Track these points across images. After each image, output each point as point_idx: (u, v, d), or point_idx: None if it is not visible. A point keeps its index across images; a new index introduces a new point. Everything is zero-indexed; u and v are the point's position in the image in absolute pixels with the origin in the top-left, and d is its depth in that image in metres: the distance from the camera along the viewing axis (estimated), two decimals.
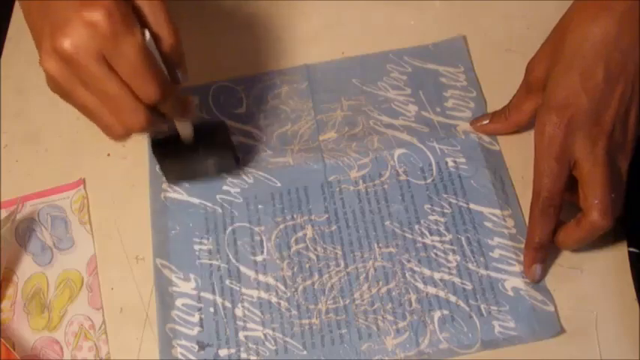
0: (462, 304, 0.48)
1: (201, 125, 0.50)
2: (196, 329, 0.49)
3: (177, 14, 0.42)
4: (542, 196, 0.46)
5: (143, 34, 0.39)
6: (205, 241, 0.52)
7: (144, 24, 0.40)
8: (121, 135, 0.41)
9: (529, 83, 0.51)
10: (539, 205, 0.47)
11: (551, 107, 0.46)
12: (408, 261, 0.50)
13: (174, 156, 0.51)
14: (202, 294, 0.50)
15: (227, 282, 0.50)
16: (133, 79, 0.39)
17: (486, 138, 0.55)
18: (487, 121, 0.55)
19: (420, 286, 0.49)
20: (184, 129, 0.49)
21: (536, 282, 0.49)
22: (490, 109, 0.56)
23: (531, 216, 0.48)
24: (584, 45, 0.46)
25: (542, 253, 0.48)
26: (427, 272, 0.50)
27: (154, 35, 0.41)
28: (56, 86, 0.40)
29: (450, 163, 0.54)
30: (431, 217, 0.52)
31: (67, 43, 0.37)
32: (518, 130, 0.54)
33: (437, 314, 0.48)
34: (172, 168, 0.52)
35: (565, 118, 0.45)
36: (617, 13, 0.45)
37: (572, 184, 0.47)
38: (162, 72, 0.41)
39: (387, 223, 0.52)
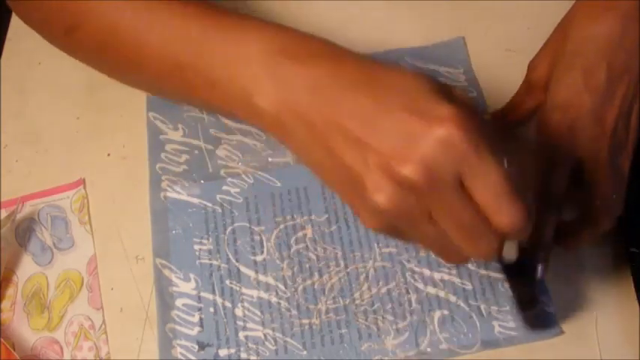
0: (462, 304, 0.48)
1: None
2: (196, 329, 0.49)
3: None
4: (544, 197, 0.46)
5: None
6: (205, 241, 0.52)
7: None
8: (461, 262, 0.36)
9: (530, 82, 0.51)
10: (542, 205, 0.47)
11: (554, 106, 0.46)
12: (408, 261, 0.50)
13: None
14: (202, 294, 0.50)
15: (227, 282, 0.50)
16: (496, 203, 0.32)
17: None
18: None
19: (420, 286, 0.49)
20: (511, 247, 0.42)
21: (538, 282, 0.48)
22: (490, 109, 0.56)
23: None
24: (587, 44, 0.45)
25: (545, 253, 0.48)
26: (427, 272, 0.50)
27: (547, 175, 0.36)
28: (391, 223, 0.33)
29: None
30: None
31: (413, 169, 0.31)
32: (519, 129, 0.54)
33: (437, 314, 0.48)
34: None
35: (567, 118, 0.45)
36: (621, 12, 0.45)
37: (572, 184, 0.47)
38: (525, 198, 0.34)
39: None
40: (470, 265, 0.50)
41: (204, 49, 0.36)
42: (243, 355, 0.48)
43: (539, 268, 0.48)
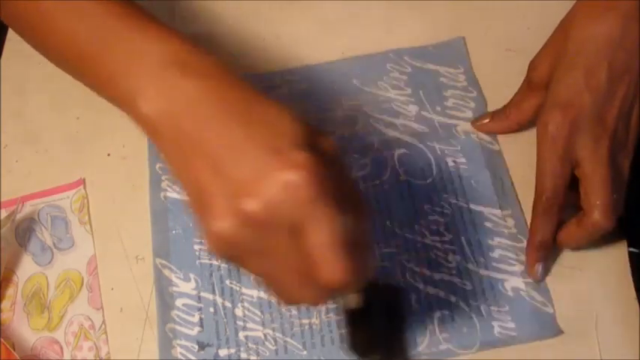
0: (461, 304, 0.48)
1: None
2: (196, 329, 0.49)
3: (177, 14, 0.42)
4: (545, 195, 0.46)
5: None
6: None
7: None
8: (291, 303, 0.36)
9: (531, 81, 0.51)
10: (542, 204, 0.47)
11: (555, 106, 0.46)
12: (408, 261, 0.50)
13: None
14: (202, 294, 0.50)
15: (227, 282, 0.50)
16: (324, 257, 0.32)
17: (487, 138, 0.55)
18: (488, 120, 0.55)
19: (420, 286, 0.49)
20: (351, 298, 0.42)
21: (539, 281, 0.49)
22: (490, 108, 0.56)
23: (534, 215, 0.48)
24: (588, 44, 0.46)
25: (545, 252, 0.48)
26: (427, 272, 0.50)
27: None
28: (226, 248, 0.33)
29: (450, 163, 0.54)
30: (431, 217, 0.52)
31: (256, 205, 0.31)
32: (519, 128, 0.54)
33: (436, 314, 0.48)
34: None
35: (568, 117, 0.45)
36: (622, 12, 0.45)
37: (573, 184, 0.47)
38: (352, 256, 0.33)
39: (387, 223, 0.52)
40: (470, 266, 0.50)
41: (110, 42, 0.37)
42: (243, 355, 0.48)
43: (539, 267, 0.48)
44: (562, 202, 0.47)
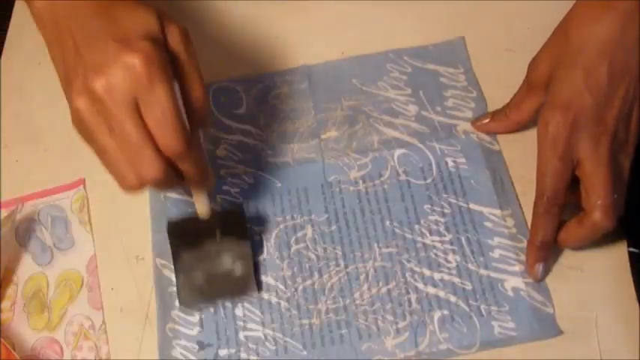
0: (461, 304, 0.48)
1: (219, 213, 0.49)
2: (196, 329, 0.49)
3: (177, 14, 0.42)
4: (546, 195, 0.46)
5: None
6: None
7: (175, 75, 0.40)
8: (134, 186, 0.41)
9: (531, 82, 0.51)
10: (543, 204, 0.47)
11: (555, 106, 0.46)
12: (408, 261, 0.50)
13: (190, 242, 0.49)
14: None
15: None
16: (160, 127, 0.39)
17: (487, 138, 0.55)
18: (488, 120, 0.55)
19: (420, 286, 0.49)
20: (200, 202, 0.47)
21: (539, 281, 0.49)
22: (490, 108, 0.56)
23: (535, 215, 0.48)
24: (588, 44, 0.46)
25: (545, 252, 0.48)
26: (427, 272, 0.50)
27: (184, 88, 0.41)
28: (81, 125, 0.40)
29: (450, 163, 0.54)
30: (431, 217, 0.52)
31: (101, 84, 0.38)
32: (519, 128, 0.54)
33: (437, 314, 0.48)
34: (187, 259, 0.50)
35: (569, 117, 0.45)
36: (621, 12, 0.45)
37: (573, 184, 0.47)
38: (186, 125, 0.41)
39: (387, 223, 0.52)
40: (470, 265, 0.50)
41: None
42: (243, 355, 0.48)
43: (539, 267, 0.48)
44: (563, 202, 0.47)
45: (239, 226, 0.50)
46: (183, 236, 0.49)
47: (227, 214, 0.51)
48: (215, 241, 0.50)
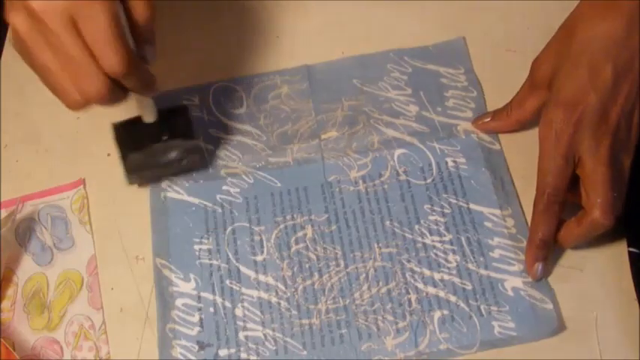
0: (461, 304, 0.48)
1: (163, 110, 0.50)
2: (196, 329, 0.49)
3: (177, 14, 0.42)
4: (547, 193, 0.46)
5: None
6: (205, 241, 0.52)
7: None
8: (77, 102, 0.41)
9: (534, 80, 0.50)
10: (544, 201, 0.47)
11: (559, 104, 0.46)
12: (408, 261, 0.50)
13: (137, 142, 0.50)
14: (202, 294, 0.50)
15: (227, 282, 0.50)
16: (99, 45, 0.39)
17: (487, 137, 0.55)
18: (489, 119, 0.54)
19: (420, 286, 0.49)
20: (146, 107, 0.48)
21: (538, 280, 0.48)
22: (490, 109, 0.56)
23: (535, 213, 0.48)
24: (593, 43, 0.46)
25: (545, 250, 0.48)
26: (427, 272, 0.50)
27: (127, 6, 0.40)
28: (20, 43, 0.39)
29: (450, 163, 0.54)
30: (431, 217, 0.52)
31: (38, 1, 0.37)
32: (520, 128, 0.54)
33: (437, 314, 0.48)
34: (135, 157, 0.51)
35: (574, 116, 0.45)
36: (626, 11, 0.45)
37: (573, 184, 0.47)
38: (129, 44, 0.41)
39: (387, 223, 0.52)
40: (470, 265, 0.50)
41: None
42: (243, 355, 0.48)
43: (539, 267, 0.48)
44: (563, 200, 0.47)
45: (185, 125, 0.51)
46: (130, 138, 0.50)
47: (171, 113, 0.51)
48: (162, 141, 0.51)
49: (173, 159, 0.52)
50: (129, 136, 0.51)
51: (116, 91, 0.41)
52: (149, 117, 0.50)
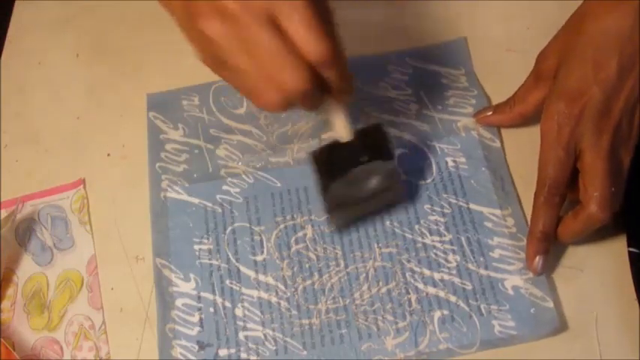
0: (461, 304, 0.48)
1: (359, 132, 0.45)
2: (196, 329, 0.49)
3: None
4: (547, 185, 0.46)
5: None
6: (205, 241, 0.52)
7: None
8: (274, 102, 0.39)
9: (539, 73, 0.50)
10: (544, 193, 0.47)
11: (563, 96, 0.46)
12: (408, 261, 0.50)
13: (336, 169, 0.45)
14: (202, 294, 0.50)
15: (227, 282, 0.50)
16: (303, 34, 0.37)
17: (487, 134, 0.55)
18: (490, 112, 0.54)
19: (420, 286, 0.49)
20: (341, 123, 0.45)
21: (538, 275, 0.48)
22: None
23: (535, 205, 0.48)
24: (599, 37, 0.46)
25: (546, 243, 0.48)
26: (427, 272, 0.50)
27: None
28: (213, 51, 0.38)
29: (450, 163, 0.54)
30: (431, 217, 0.52)
31: (235, 2, 0.36)
32: (522, 122, 0.54)
33: (437, 314, 0.48)
34: (336, 188, 0.46)
35: (577, 108, 0.45)
36: (633, 7, 0.45)
37: (573, 178, 0.47)
38: (332, 31, 0.39)
39: (387, 223, 0.52)
40: (470, 265, 0.50)
41: None
42: (243, 355, 0.48)
43: (539, 260, 0.48)
44: (564, 193, 0.47)
45: (381, 144, 0.46)
46: (329, 164, 0.46)
47: (367, 133, 0.46)
48: (361, 164, 0.45)
49: (375, 187, 0.48)
50: (327, 163, 0.46)
51: (315, 90, 0.39)
52: (344, 133, 0.45)
